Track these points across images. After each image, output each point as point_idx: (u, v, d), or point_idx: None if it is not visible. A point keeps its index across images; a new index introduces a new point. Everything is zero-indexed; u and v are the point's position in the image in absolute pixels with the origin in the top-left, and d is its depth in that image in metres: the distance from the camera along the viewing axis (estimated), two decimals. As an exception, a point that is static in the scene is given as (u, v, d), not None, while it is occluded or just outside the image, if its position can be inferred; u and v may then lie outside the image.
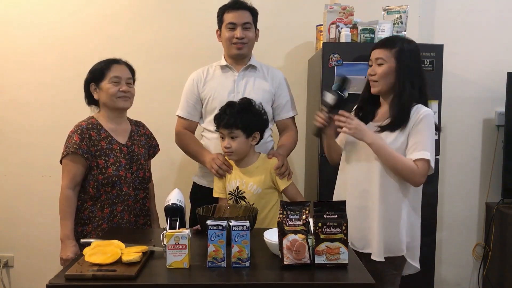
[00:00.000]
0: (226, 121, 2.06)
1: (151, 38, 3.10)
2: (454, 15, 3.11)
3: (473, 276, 3.27)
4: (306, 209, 1.58)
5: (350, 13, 2.72)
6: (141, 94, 3.08)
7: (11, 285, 3.27)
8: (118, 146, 2.10)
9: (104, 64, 2.10)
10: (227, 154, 2.11)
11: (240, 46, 2.31)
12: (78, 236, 2.03)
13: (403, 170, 1.87)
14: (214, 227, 1.53)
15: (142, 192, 2.17)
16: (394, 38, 2.06)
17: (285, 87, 2.45)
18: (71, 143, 2.01)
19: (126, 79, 2.11)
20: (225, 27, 2.32)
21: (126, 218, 2.09)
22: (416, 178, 1.89)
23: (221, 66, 2.40)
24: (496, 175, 3.13)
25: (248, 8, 2.34)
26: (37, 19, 3.09)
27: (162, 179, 3.01)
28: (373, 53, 1.97)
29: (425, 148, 1.86)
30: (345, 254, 1.53)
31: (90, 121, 2.10)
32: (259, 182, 2.10)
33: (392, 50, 1.91)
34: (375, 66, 1.95)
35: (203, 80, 2.40)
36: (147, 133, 2.30)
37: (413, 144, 1.88)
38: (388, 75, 1.92)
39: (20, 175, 3.18)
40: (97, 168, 2.03)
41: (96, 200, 2.05)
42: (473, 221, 3.25)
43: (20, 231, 3.19)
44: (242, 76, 2.37)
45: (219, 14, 2.37)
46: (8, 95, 3.14)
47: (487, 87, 3.14)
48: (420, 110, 1.90)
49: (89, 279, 1.44)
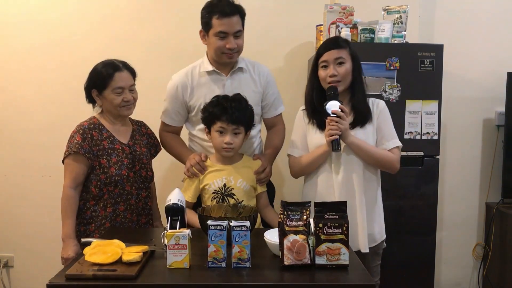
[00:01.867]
0: (236, 117, 2.00)
1: (151, 37, 3.10)
2: (454, 15, 3.11)
3: (473, 276, 3.27)
4: (306, 210, 1.58)
5: (350, 13, 2.72)
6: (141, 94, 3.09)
7: (11, 285, 3.27)
8: (120, 146, 2.10)
9: (106, 73, 2.05)
10: (226, 150, 2.04)
11: (231, 55, 2.19)
12: (80, 236, 2.03)
13: (384, 161, 2.00)
14: (215, 227, 1.53)
15: (145, 191, 2.18)
16: (340, 39, 2.10)
17: (271, 84, 2.37)
18: (73, 143, 2.01)
19: (129, 87, 2.09)
20: (214, 35, 2.15)
21: (129, 217, 2.10)
22: (395, 165, 2.02)
23: (207, 72, 2.27)
24: (496, 175, 3.13)
25: (238, 11, 2.16)
26: (37, 19, 3.09)
27: (163, 179, 3.01)
28: (329, 54, 1.98)
29: (394, 136, 2.04)
30: (346, 255, 1.53)
31: (92, 121, 2.10)
32: (248, 179, 2.09)
33: (347, 49, 1.99)
34: (335, 66, 1.97)
35: (189, 86, 2.27)
36: (148, 133, 2.30)
37: (383, 135, 2.02)
38: (349, 73, 1.99)
39: (20, 175, 3.18)
40: (100, 167, 2.04)
41: (98, 199, 2.06)
42: (473, 221, 3.25)
43: (20, 231, 3.19)
44: (231, 80, 2.27)
45: (205, 16, 2.17)
46: (8, 95, 3.14)
47: (487, 87, 3.14)
48: (377, 103, 2.06)
49: (90, 279, 1.44)
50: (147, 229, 2.15)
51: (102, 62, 2.11)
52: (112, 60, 2.12)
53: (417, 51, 2.59)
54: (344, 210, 1.57)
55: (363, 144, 1.96)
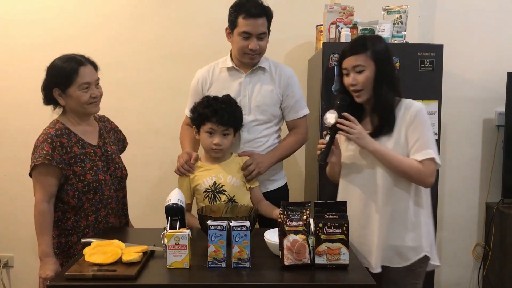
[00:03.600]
0: (227, 119, 2.03)
1: (151, 38, 3.09)
2: (454, 15, 3.11)
3: (473, 276, 3.27)
4: (306, 210, 1.58)
5: (350, 13, 2.72)
6: (141, 94, 3.11)
7: (11, 285, 3.27)
8: (91, 149, 1.98)
9: (69, 68, 1.90)
10: (215, 151, 2.07)
11: (253, 56, 2.21)
12: (62, 248, 1.94)
13: (411, 173, 1.79)
14: (215, 227, 1.53)
15: (121, 191, 2.10)
16: (362, 40, 1.88)
17: (293, 87, 2.31)
18: (42, 153, 1.84)
19: (95, 82, 1.96)
20: (238, 34, 2.17)
21: (112, 222, 2.02)
22: (425, 179, 1.80)
23: (227, 68, 2.31)
24: (496, 175, 3.13)
25: (265, 14, 2.17)
26: (37, 19, 3.09)
27: (162, 179, 3.01)
28: (347, 61, 1.83)
29: (427, 146, 1.79)
30: (346, 254, 1.53)
31: (57, 126, 1.94)
32: (238, 174, 2.10)
33: (368, 53, 1.80)
34: (354, 74, 1.82)
35: (209, 81, 2.32)
36: (113, 127, 2.19)
37: (414, 144, 1.80)
38: (370, 80, 1.81)
39: (20, 175, 3.17)
40: (74, 176, 1.90)
41: (78, 209, 1.93)
42: (473, 221, 3.25)
43: (20, 231, 3.18)
44: (249, 78, 2.28)
45: (232, 14, 2.20)
46: (8, 95, 3.14)
47: (487, 87, 3.14)
48: (411, 105, 1.83)
49: (89, 279, 1.45)
50: (147, 230, 2.15)
51: (60, 58, 1.95)
52: (72, 54, 1.96)
53: (417, 51, 2.58)
54: (344, 210, 1.57)
55: (387, 153, 1.79)
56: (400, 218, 1.84)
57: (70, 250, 1.94)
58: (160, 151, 2.84)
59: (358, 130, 1.80)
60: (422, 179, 1.81)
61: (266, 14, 2.19)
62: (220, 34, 3.06)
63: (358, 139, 1.80)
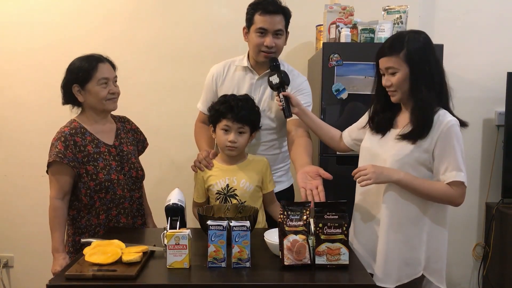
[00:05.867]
0: (242, 115, 1.99)
1: (151, 38, 3.10)
2: (454, 15, 3.11)
3: (473, 276, 3.27)
4: (306, 210, 1.58)
5: (350, 13, 2.72)
6: (141, 94, 3.11)
7: (11, 285, 3.27)
8: (106, 148, 2.00)
9: (88, 64, 1.96)
10: (229, 149, 2.03)
11: (268, 54, 2.16)
12: (76, 246, 1.97)
13: (440, 197, 1.73)
14: (215, 227, 1.53)
15: (137, 191, 2.11)
16: (399, 39, 1.76)
17: (303, 93, 2.26)
18: (55, 151, 1.89)
19: (113, 79, 2.01)
20: (254, 31, 2.15)
21: (124, 222, 2.04)
22: (455, 201, 1.75)
23: (243, 67, 2.27)
24: (496, 175, 3.13)
25: (282, 11, 2.15)
26: (37, 19, 3.09)
27: (162, 179, 3.01)
28: (381, 62, 1.77)
29: (458, 168, 1.70)
30: (346, 255, 1.54)
31: (72, 125, 1.98)
32: (251, 179, 2.06)
33: (401, 54, 1.71)
34: (388, 76, 1.76)
35: (222, 77, 2.29)
36: (133, 128, 2.20)
37: (445, 164, 1.71)
38: (404, 81, 1.73)
39: (20, 175, 3.18)
40: (87, 174, 1.94)
41: (90, 207, 1.97)
42: (473, 221, 3.25)
43: (20, 231, 3.19)
44: (261, 81, 2.24)
45: (249, 12, 2.18)
46: (8, 95, 3.14)
47: (487, 87, 3.14)
48: (444, 119, 1.72)
49: (89, 279, 1.45)
50: (147, 230, 2.15)
51: (80, 58, 2.01)
52: (90, 54, 2.02)
53: (417, 51, 2.58)
54: (344, 210, 1.57)
55: (412, 181, 1.70)
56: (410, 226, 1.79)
57: (82, 249, 1.95)
58: (160, 151, 2.84)
59: (370, 170, 1.70)
60: (451, 201, 1.76)
61: (283, 12, 2.16)
62: (220, 34, 3.08)
63: (378, 178, 1.70)
